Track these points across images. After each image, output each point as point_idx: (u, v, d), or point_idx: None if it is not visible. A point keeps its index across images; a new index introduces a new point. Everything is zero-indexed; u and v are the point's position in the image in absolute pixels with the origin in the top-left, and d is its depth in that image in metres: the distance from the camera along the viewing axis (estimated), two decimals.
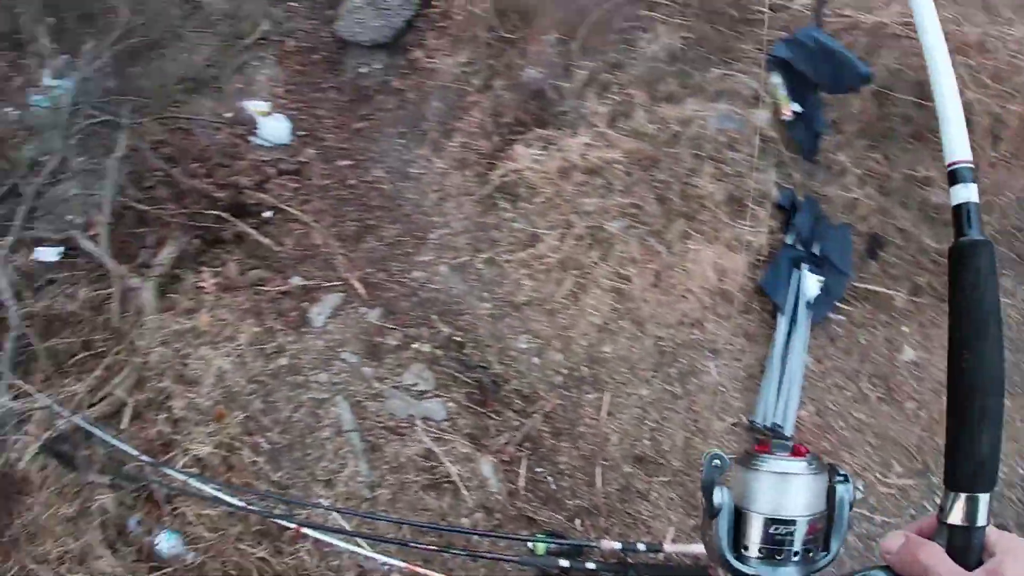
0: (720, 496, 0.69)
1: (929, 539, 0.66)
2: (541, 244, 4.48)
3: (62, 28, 4.85)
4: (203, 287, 4.20)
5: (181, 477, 3.38)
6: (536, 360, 4.18)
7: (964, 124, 0.68)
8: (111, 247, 4.12)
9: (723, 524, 0.69)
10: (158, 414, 3.70)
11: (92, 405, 3.66)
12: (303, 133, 5.16)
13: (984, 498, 0.64)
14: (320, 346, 4.09)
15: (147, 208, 4.30)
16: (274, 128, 4.99)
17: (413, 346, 4.14)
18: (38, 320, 3.86)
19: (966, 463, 0.64)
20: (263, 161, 4.82)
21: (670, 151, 4.49)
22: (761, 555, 0.68)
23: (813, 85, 4.36)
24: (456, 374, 4.06)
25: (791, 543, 0.67)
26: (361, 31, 5.53)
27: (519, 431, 3.87)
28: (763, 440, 0.74)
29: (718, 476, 0.70)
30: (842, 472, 0.73)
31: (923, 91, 4.37)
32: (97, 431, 3.46)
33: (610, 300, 4.26)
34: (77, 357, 3.85)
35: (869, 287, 4.33)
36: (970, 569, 0.63)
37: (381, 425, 3.83)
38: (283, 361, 4.00)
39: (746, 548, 0.69)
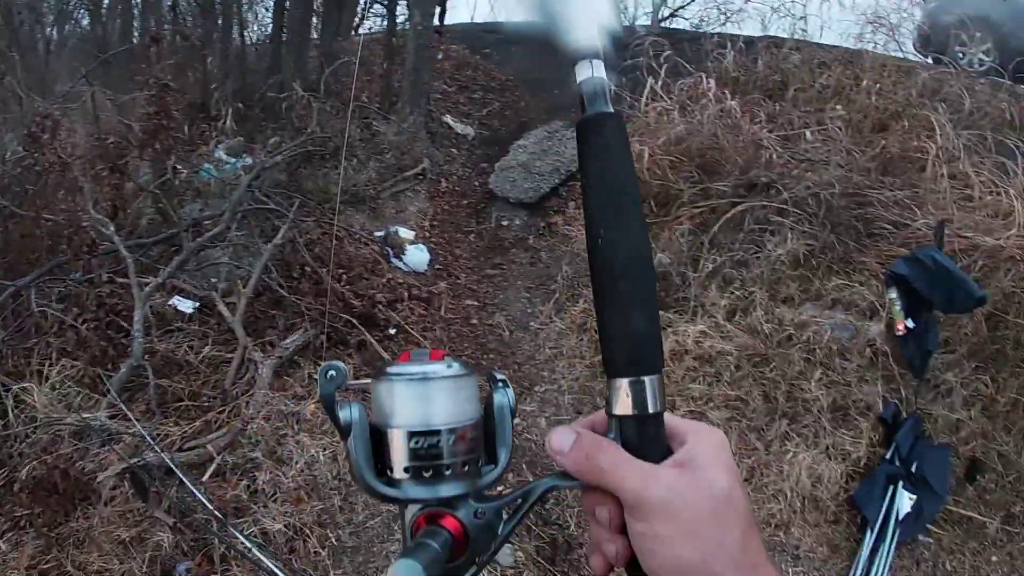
0: (348, 413, 0.66)
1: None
2: None
3: (245, 115, 6.01)
4: (316, 379, 4.78)
5: (245, 542, 3.76)
6: None
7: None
8: (244, 318, 4.87)
9: (359, 444, 0.66)
10: (241, 479, 4.15)
11: (182, 450, 4.17)
12: (439, 267, 5.96)
13: (651, 380, 0.63)
14: None
15: (286, 295, 5.06)
16: (415, 256, 5.80)
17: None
18: (158, 359, 4.49)
19: (619, 345, 0.64)
20: (398, 283, 5.58)
21: (782, 351, 4.83)
22: (408, 474, 0.65)
23: (928, 303, 4.68)
24: (532, 525, 4.36)
25: (439, 456, 0.65)
26: (510, 189, 6.47)
27: None
28: (404, 352, 0.70)
29: (335, 389, 0.67)
30: (500, 377, 0.72)
31: None
32: (180, 473, 3.93)
33: None
34: (182, 403, 4.42)
35: (963, 511, 4.40)
36: (657, 462, 0.61)
37: None
38: None
39: (391, 470, 0.66)
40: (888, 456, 4.54)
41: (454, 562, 0.64)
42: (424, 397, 0.66)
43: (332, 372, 0.67)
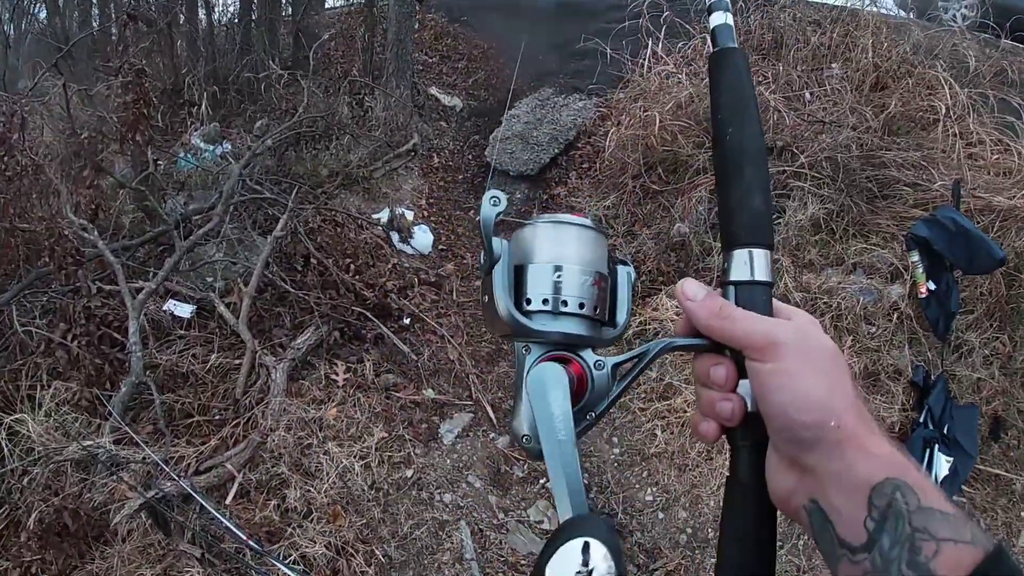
0: (499, 245, 0.66)
1: None
2: (678, 397, 4.50)
3: (222, 100, 5.27)
4: (335, 380, 4.22)
5: (286, 571, 3.23)
6: (661, 515, 4.06)
7: None
8: (247, 319, 4.21)
9: (501, 275, 0.66)
10: (269, 499, 3.59)
11: (199, 472, 3.57)
12: (443, 248, 5.38)
13: (764, 252, 0.67)
14: (448, 465, 4.00)
15: (291, 290, 4.42)
16: (419, 238, 5.21)
17: (541, 481, 4.07)
18: (160, 373, 3.86)
19: (740, 219, 0.68)
20: (406, 268, 5.00)
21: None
22: (546, 305, 0.66)
23: (949, 265, 4.50)
24: None
25: (569, 291, 0.66)
26: (509, 161, 5.90)
27: None
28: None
29: (496, 215, 0.66)
30: (621, 256, 0.73)
31: None
32: (202, 499, 3.35)
33: None
34: (192, 420, 3.81)
35: (991, 470, 4.27)
36: None
37: (501, 559, 3.67)
38: (409, 473, 3.91)
39: (528, 302, 0.66)
40: (922, 420, 4.35)
41: (572, 407, 0.62)
42: (564, 240, 0.68)
43: (494, 198, 0.67)
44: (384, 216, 5.28)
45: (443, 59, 7.37)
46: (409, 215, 5.33)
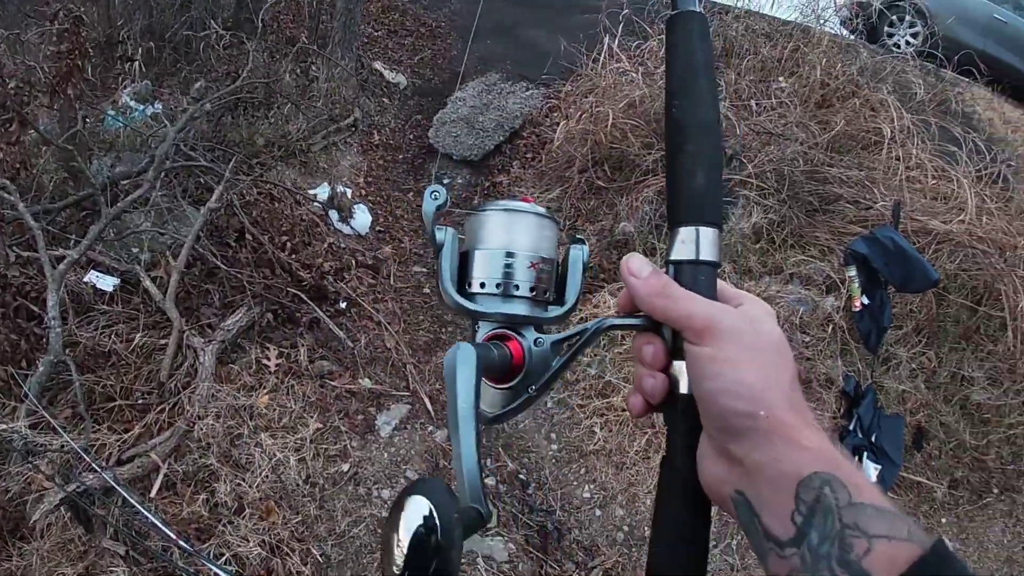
0: (442, 234, 0.70)
1: None
2: (617, 395, 4.54)
3: (157, 57, 4.94)
4: (267, 366, 4.03)
5: (218, 572, 3.06)
6: (599, 512, 4.10)
7: None
8: (175, 295, 3.96)
9: (446, 260, 0.70)
10: (197, 493, 3.39)
11: (121, 462, 3.35)
12: (380, 229, 5.22)
13: (708, 231, 0.65)
14: (385, 459, 3.89)
15: (221, 266, 4.18)
16: (357, 217, 5.03)
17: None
18: (81, 351, 3.58)
19: (684, 197, 0.67)
20: (342, 248, 4.82)
21: None
22: (484, 288, 0.70)
23: (884, 282, 4.71)
24: (518, 514, 3.94)
25: (511, 276, 0.69)
26: (453, 145, 5.78)
27: None
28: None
29: (435, 209, 0.71)
30: (580, 237, 0.76)
31: (976, 296, 4.89)
32: (129, 495, 3.14)
33: None
34: (114, 404, 3.56)
35: (914, 477, 4.50)
36: None
37: None
38: (345, 467, 3.78)
39: (470, 284, 0.70)
40: (851, 428, 4.53)
41: (510, 382, 0.67)
42: (509, 227, 0.71)
43: (435, 192, 0.72)
44: (321, 192, 5.08)
45: (390, 34, 7.13)
46: (349, 193, 5.14)
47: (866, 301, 4.76)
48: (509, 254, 0.70)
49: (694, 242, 0.65)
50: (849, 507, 0.52)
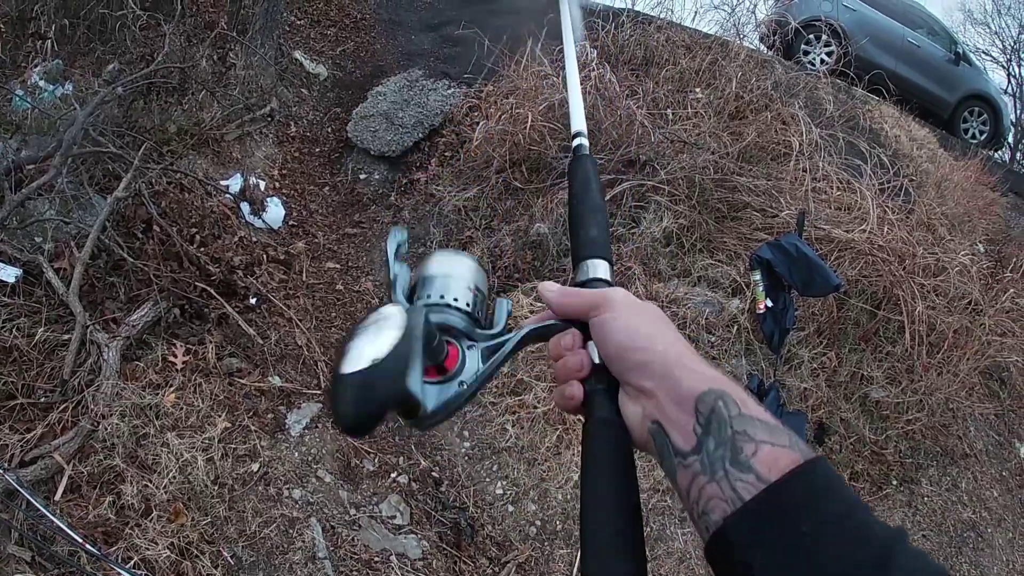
0: (396, 267, 0.83)
1: None
2: (529, 393, 4.72)
3: (70, 36, 4.84)
4: (174, 363, 4.04)
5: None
6: (511, 508, 4.28)
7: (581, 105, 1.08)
8: (79, 288, 3.92)
9: (399, 286, 0.82)
10: (103, 495, 3.40)
11: (24, 463, 3.33)
12: (294, 223, 5.25)
13: (597, 262, 0.88)
14: (296, 458, 3.96)
15: (127, 258, 4.16)
16: (270, 211, 5.06)
17: (392, 475, 4.14)
18: None
19: (581, 238, 0.90)
20: (253, 243, 4.83)
21: None
22: (428, 300, 0.81)
23: (787, 286, 5.02)
24: (431, 511, 4.07)
25: (450, 290, 0.82)
26: (372, 140, 5.83)
27: None
28: None
29: (397, 251, 0.85)
30: (509, 299, 0.93)
31: (875, 301, 5.25)
32: (33, 498, 3.14)
33: None
34: (15, 402, 3.53)
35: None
36: None
37: (355, 556, 3.70)
38: (255, 467, 3.83)
39: (418, 298, 0.82)
40: None
41: (443, 377, 0.76)
42: (451, 263, 0.84)
43: (398, 235, 0.86)
44: (233, 184, 5.08)
45: (313, 23, 7.08)
46: (262, 185, 5.16)
47: (770, 304, 5.07)
48: (448, 275, 0.82)
49: (591, 270, 0.87)
50: (739, 417, 0.63)
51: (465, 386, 0.76)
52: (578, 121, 1.05)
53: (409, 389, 0.64)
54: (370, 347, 0.64)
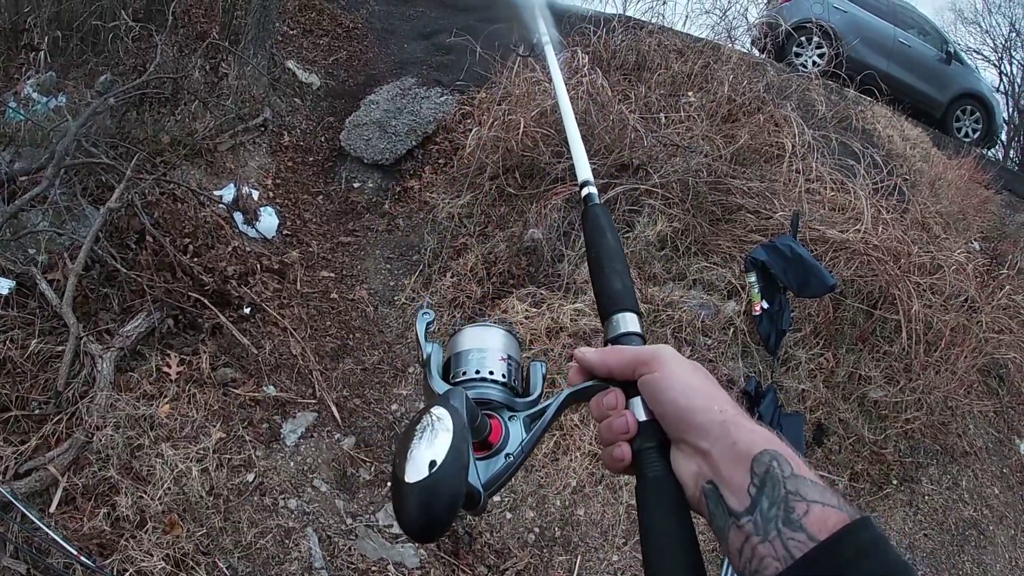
0: (429, 348, 0.87)
1: None
2: None
3: (63, 47, 4.86)
4: (168, 373, 4.04)
5: None
6: (509, 515, 4.26)
7: (584, 154, 1.09)
8: (72, 299, 3.93)
9: (433, 366, 0.85)
10: (98, 507, 3.40)
11: (19, 475, 3.33)
12: (287, 233, 5.25)
13: (627, 315, 0.88)
14: (291, 468, 3.96)
15: (121, 269, 4.16)
16: (264, 220, 5.06)
17: (388, 484, 4.15)
18: None
19: (607, 293, 0.91)
20: (247, 252, 4.84)
21: (654, 329, 4.92)
22: (464, 376, 0.84)
23: (783, 288, 5.02)
24: None
25: (485, 364, 0.84)
26: (365, 148, 5.85)
27: None
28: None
29: (426, 327, 0.90)
30: (542, 360, 0.96)
31: (872, 301, 5.24)
32: (28, 511, 3.14)
33: (588, 464, 4.48)
34: (10, 414, 3.52)
35: (816, 472, 4.88)
36: None
37: (352, 566, 3.69)
38: (250, 477, 3.82)
39: (455, 377, 0.84)
40: None
41: (488, 453, 0.77)
42: (482, 336, 0.87)
43: (426, 313, 0.91)
44: (227, 193, 5.09)
45: (305, 33, 7.11)
46: (256, 195, 5.16)
47: (766, 305, 5.06)
48: (481, 349, 0.84)
49: (622, 322, 0.87)
50: (792, 477, 0.65)
51: (512, 458, 0.78)
52: (583, 170, 1.07)
53: (471, 486, 0.69)
54: (428, 451, 0.67)
